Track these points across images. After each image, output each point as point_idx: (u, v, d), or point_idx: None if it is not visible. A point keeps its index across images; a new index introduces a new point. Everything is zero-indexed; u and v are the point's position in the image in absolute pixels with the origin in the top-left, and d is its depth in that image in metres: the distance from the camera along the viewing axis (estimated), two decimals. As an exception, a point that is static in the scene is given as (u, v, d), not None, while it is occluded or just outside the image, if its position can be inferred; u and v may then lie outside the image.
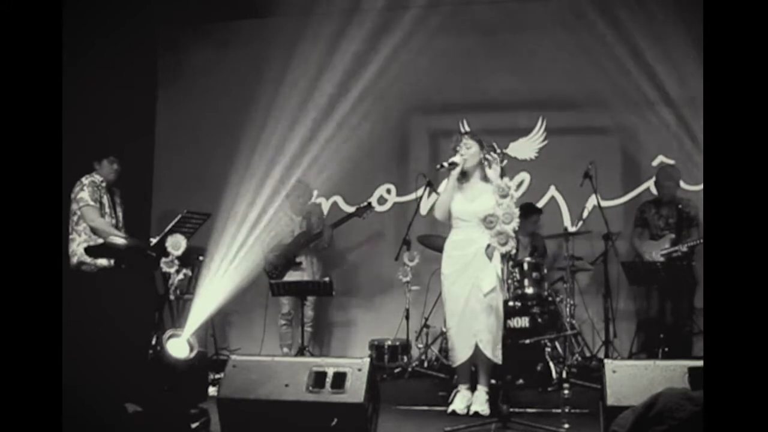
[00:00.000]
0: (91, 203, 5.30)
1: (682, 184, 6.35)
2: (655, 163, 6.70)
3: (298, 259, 6.41)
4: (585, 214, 6.71)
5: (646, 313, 6.30)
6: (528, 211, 6.29)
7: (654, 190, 6.50)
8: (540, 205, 6.79)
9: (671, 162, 6.58)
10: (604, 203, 6.40)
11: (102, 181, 5.47)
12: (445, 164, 4.61)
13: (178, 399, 4.10)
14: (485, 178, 4.64)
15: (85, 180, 5.40)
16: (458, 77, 7.07)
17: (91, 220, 5.29)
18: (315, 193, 7.04)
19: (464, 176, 4.66)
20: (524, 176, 6.97)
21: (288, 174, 6.79)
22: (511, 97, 7.03)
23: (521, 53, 7.01)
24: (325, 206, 7.27)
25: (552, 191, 6.95)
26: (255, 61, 7.28)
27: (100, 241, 5.18)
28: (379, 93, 6.81)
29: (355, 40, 6.95)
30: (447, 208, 4.67)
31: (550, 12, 6.92)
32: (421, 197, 6.58)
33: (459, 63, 7.03)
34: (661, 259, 5.93)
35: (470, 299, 4.52)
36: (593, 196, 6.26)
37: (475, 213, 4.49)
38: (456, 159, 4.59)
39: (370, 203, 6.55)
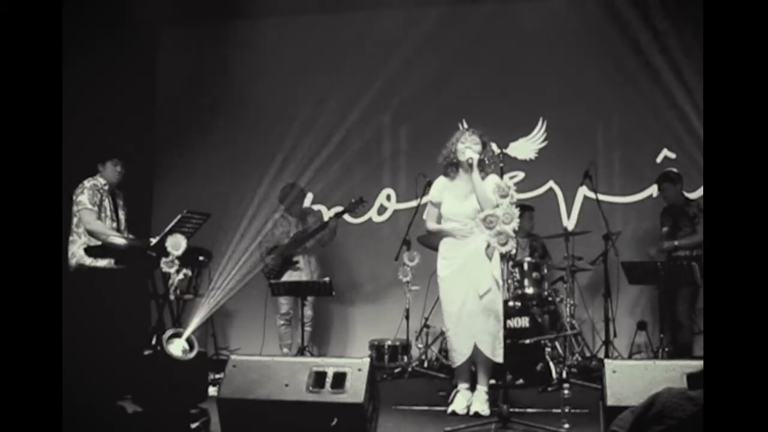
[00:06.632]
0: (89, 206, 5.30)
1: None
2: (659, 159, 6.71)
3: (294, 259, 6.41)
4: (576, 208, 6.75)
5: (646, 313, 6.29)
6: (521, 210, 6.30)
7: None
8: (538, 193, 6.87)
9: (672, 156, 6.61)
10: (603, 199, 6.42)
11: (105, 184, 5.47)
12: (472, 159, 4.46)
13: (178, 399, 4.10)
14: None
15: (87, 183, 5.40)
16: (457, 77, 7.07)
17: (87, 223, 5.29)
18: (310, 195, 7.07)
19: (457, 172, 4.63)
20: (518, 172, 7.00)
21: (287, 174, 6.80)
22: (511, 97, 7.04)
23: (520, 53, 7.01)
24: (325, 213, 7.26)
25: (550, 184, 6.99)
26: (255, 60, 7.28)
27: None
28: (377, 93, 6.82)
29: (355, 40, 6.96)
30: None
31: (549, 12, 6.93)
32: (421, 197, 6.57)
33: (458, 62, 7.02)
34: (659, 256, 5.93)
35: (467, 301, 4.50)
36: (582, 189, 6.35)
37: (466, 213, 4.48)
38: (471, 155, 4.46)
39: (362, 198, 6.52)
